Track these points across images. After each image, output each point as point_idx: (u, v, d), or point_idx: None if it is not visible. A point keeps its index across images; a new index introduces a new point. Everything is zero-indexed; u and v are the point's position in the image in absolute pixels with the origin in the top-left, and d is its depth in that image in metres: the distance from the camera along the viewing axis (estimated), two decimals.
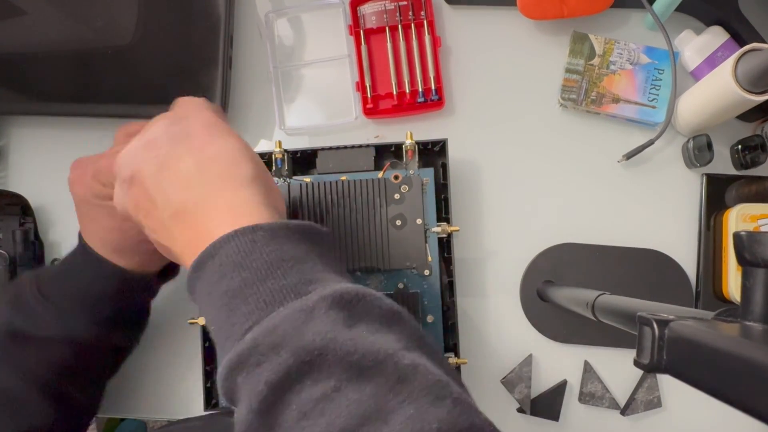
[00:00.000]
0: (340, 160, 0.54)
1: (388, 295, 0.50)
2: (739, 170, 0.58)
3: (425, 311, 0.52)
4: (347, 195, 0.52)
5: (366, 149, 0.54)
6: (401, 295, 0.51)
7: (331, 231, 0.51)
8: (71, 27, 0.57)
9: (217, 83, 0.58)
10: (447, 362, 0.33)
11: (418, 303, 0.51)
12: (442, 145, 0.54)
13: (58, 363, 0.45)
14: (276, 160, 0.53)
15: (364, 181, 0.52)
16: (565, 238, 0.58)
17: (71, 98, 0.59)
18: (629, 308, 0.35)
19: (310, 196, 0.52)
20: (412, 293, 0.52)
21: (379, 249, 0.52)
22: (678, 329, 0.25)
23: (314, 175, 0.54)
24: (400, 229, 0.52)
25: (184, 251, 0.34)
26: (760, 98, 0.48)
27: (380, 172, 0.53)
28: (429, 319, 0.52)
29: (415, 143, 0.53)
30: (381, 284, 0.53)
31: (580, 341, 0.57)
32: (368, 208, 0.52)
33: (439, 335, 0.52)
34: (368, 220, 0.52)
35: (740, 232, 0.26)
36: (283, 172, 0.53)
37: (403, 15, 0.60)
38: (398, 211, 0.52)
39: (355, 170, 0.54)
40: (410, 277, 0.53)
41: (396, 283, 0.53)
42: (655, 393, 0.57)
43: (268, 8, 0.63)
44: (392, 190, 0.52)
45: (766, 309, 0.25)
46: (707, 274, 0.57)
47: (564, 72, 0.59)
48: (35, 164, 0.62)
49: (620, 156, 0.59)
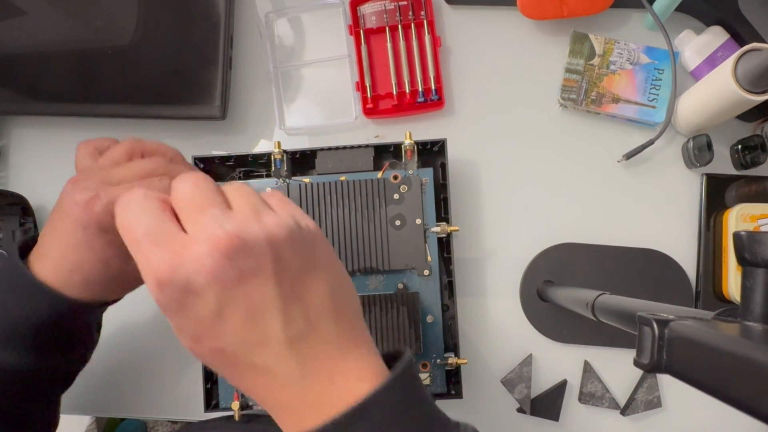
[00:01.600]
0: (339, 161, 0.54)
1: (388, 296, 0.51)
2: (739, 170, 0.58)
3: (425, 311, 0.52)
4: (346, 195, 0.52)
5: (365, 149, 0.54)
6: (401, 295, 0.51)
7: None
8: (71, 27, 0.57)
9: (217, 83, 0.58)
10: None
11: (418, 303, 0.51)
12: (441, 144, 0.54)
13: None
14: (275, 160, 0.53)
15: (363, 182, 0.52)
16: (565, 238, 0.58)
17: (71, 98, 0.59)
18: (629, 308, 0.35)
19: (310, 197, 0.52)
20: (412, 293, 0.52)
21: (379, 249, 0.52)
22: (678, 329, 0.25)
23: (313, 176, 0.54)
24: (399, 230, 0.52)
25: (296, 401, 0.27)
26: (760, 98, 0.48)
27: (379, 173, 0.53)
28: (429, 319, 0.52)
29: (414, 143, 0.53)
30: (381, 284, 0.53)
31: (580, 341, 0.57)
32: (367, 208, 0.52)
33: (438, 335, 0.52)
34: (368, 221, 0.52)
35: (740, 232, 0.26)
36: (282, 173, 0.54)
37: (403, 15, 0.60)
38: (397, 212, 0.52)
39: (354, 170, 0.54)
40: (410, 277, 0.53)
41: (396, 283, 0.53)
42: (655, 393, 0.57)
43: (268, 8, 0.63)
44: (391, 191, 0.52)
45: (766, 309, 0.25)
46: (707, 274, 0.57)
47: (564, 72, 0.59)
48: (35, 164, 0.62)
49: (620, 156, 0.59)
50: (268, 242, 0.26)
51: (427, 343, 0.52)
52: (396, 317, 0.51)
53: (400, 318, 0.51)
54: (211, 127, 0.62)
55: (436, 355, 0.52)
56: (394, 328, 0.51)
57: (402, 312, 0.51)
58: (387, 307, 0.51)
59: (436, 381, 0.52)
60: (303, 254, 0.28)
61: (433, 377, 0.52)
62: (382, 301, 0.51)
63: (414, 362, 0.32)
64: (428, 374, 0.52)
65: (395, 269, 0.52)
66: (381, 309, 0.51)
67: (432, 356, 0.52)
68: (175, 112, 0.58)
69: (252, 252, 0.26)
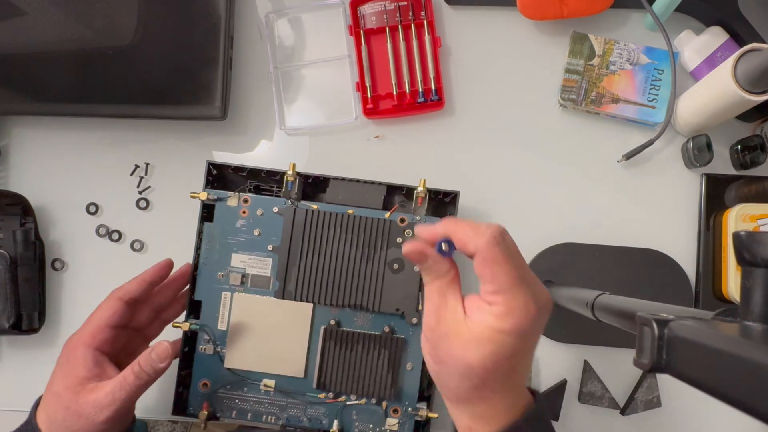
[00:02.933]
0: (350, 193, 0.54)
1: (373, 336, 0.51)
2: (738, 170, 0.58)
3: (407, 358, 0.52)
4: (351, 229, 0.52)
5: (377, 186, 0.54)
6: (386, 339, 0.51)
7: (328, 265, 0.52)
8: (71, 27, 0.57)
9: (217, 83, 0.58)
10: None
11: (402, 350, 0.51)
12: (453, 196, 0.54)
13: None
14: (288, 182, 0.53)
15: (370, 219, 0.52)
16: (565, 238, 0.59)
17: (71, 98, 0.59)
18: (629, 308, 0.35)
19: (314, 224, 0.52)
20: (398, 338, 0.52)
21: (373, 289, 0.52)
22: (678, 329, 0.26)
23: (322, 203, 0.53)
24: (396, 273, 0.52)
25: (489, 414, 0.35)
26: (760, 98, 0.48)
27: (387, 213, 0.53)
28: (408, 367, 0.52)
29: (427, 190, 0.53)
30: (368, 323, 0.53)
31: (580, 341, 0.57)
32: (369, 246, 0.52)
33: (415, 384, 0.52)
34: (367, 259, 0.52)
35: (740, 232, 0.26)
36: (293, 195, 0.53)
37: (403, 15, 0.60)
38: (397, 255, 0.52)
39: (363, 206, 0.53)
40: (398, 322, 0.52)
41: (382, 325, 0.52)
42: (655, 393, 0.57)
43: (268, 8, 0.63)
44: (396, 233, 0.52)
45: (765, 309, 0.25)
46: (707, 274, 0.57)
47: (564, 72, 0.59)
48: (35, 164, 0.62)
49: (620, 156, 0.59)
50: (547, 313, 0.36)
51: (402, 390, 0.52)
52: (376, 359, 0.51)
53: (380, 360, 0.51)
54: (212, 128, 0.62)
55: (409, 403, 0.52)
56: (372, 369, 0.51)
57: (383, 355, 0.51)
58: (369, 347, 0.51)
59: (403, 429, 0.52)
60: (540, 333, 0.36)
61: (401, 425, 0.52)
62: (366, 341, 0.51)
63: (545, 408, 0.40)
64: (397, 421, 0.52)
65: (385, 311, 0.52)
66: (363, 348, 0.51)
67: (405, 404, 0.52)
68: (175, 112, 0.58)
69: (543, 320, 0.35)
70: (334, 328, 0.52)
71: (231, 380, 0.52)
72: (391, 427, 0.52)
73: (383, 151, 0.61)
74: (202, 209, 0.53)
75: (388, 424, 0.52)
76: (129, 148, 0.62)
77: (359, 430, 0.52)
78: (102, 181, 0.61)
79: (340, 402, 0.52)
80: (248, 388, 0.53)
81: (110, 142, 0.62)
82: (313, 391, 0.52)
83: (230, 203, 0.53)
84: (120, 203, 0.61)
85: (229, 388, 0.53)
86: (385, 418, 0.52)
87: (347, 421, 0.52)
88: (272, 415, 0.53)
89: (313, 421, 0.52)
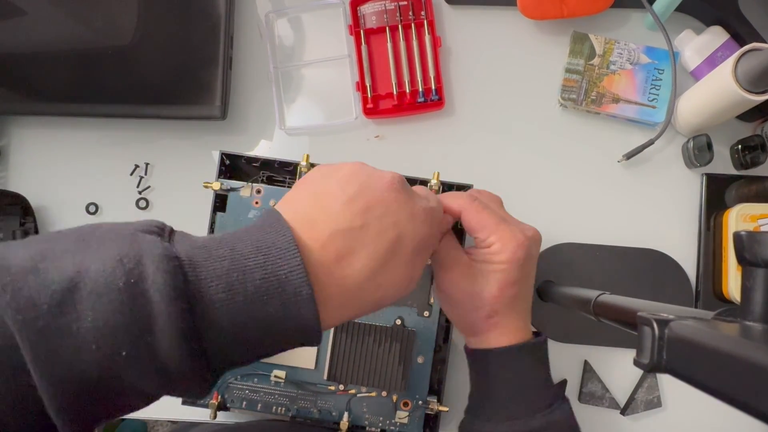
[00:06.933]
0: None
1: (384, 328, 0.51)
2: (739, 170, 0.58)
3: (417, 351, 0.52)
4: None
5: None
6: (397, 331, 0.51)
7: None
8: (71, 27, 0.57)
9: (217, 83, 0.58)
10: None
11: (413, 342, 0.51)
12: (466, 190, 0.54)
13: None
14: (301, 172, 0.52)
15: None
16: (565, 238, 0.58)
17: (71, 98, 0.59)
18: (629, 308, 0.35)
19: None
20: (409, 331, 0.51)
21: None
22: (678, 329, 0.25)
23: None
24: None
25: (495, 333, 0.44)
26: (760, 98, 0.48)
27: None
28: (419, 360, 0.52)
29: (440, 183, 0.52)
30: (379, 315, 0.52)
31: (580, 341, 0.57)
32: None
33: (426, 377, 0.52)
34: None
35: (740, 232, 0.26)
36: None
37: (403, 15, 0.60)
38: None
39: None
40: (409, 314, 0.52)
41: (393, 318, 0.52)
42: (655, 393, 0.57)
43: (268, 8, 0.63)
44: None
45: (766, 309, 0.25)
46: (707, 274, 0.57)
47: (564, 72, 0.59)
48: (35, 164, 0.62)
49: (620, 156, 0.59)
50: (537, 244, 0.45)
51: (413, 383, 0.52)
52: (387, 351, 0.51)
53: (391, 353, 0.51)
54: (212, 127, 0.62)
55: (419, 396, 0.52)
56: (383, 362, 0.51)
57: (394, 347, 0.51)
58: (381, 340, 0.51)
59: (413, 422, 0.52)
60: (535, 262, 0.45)
61: (411, 418, 0.52)
62: (377, 333, 0.51)
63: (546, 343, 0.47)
64: (407, 414, 0.52)
65: (396, 304, 0.52)
66: (374, 340, 0.51)
67: (415, 397, 0.52)
68: (175, 112, 0.58)
69: (534, 249, 0.44)
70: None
71: (242, 371, 0.52)
72: (401, 420, 0.52)
73: (383, 151, 0.61)
74: (215, 199, 0.53)
75: (398, 417, 0.52)
76: (129, 148, 0.62)
77: (369, 423, 0.52)
78: (102, 181, 0.61)
79: (351, 394, 0.52)
80: (259, 379, 0.52)
81: (110, 142, 0.62)
82: (323, 382, 0.52)
83: (243, 193, 0.53)
84: (120, 203, 0.61)
85: (240, 379, 0.52)
86: (395, 410, 0.52)
87: (357, 413, 0.52)
88: (282, 406, 0.52)
89: (323, 412, 0.52)
